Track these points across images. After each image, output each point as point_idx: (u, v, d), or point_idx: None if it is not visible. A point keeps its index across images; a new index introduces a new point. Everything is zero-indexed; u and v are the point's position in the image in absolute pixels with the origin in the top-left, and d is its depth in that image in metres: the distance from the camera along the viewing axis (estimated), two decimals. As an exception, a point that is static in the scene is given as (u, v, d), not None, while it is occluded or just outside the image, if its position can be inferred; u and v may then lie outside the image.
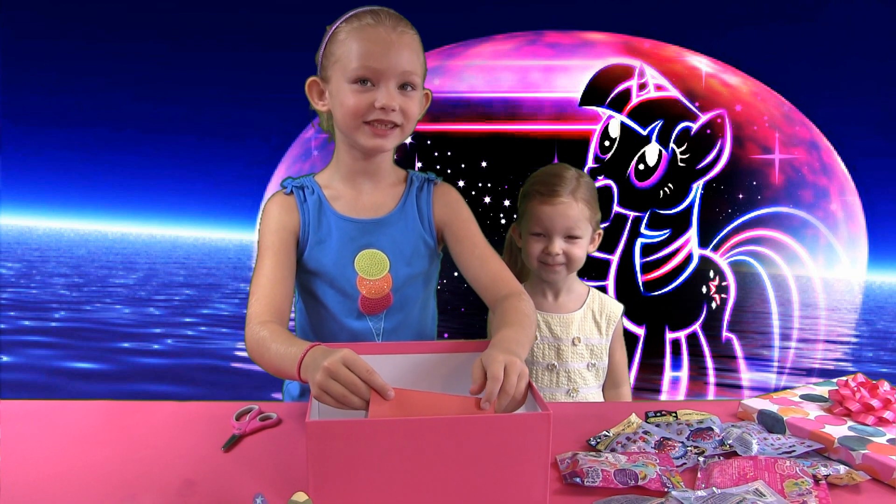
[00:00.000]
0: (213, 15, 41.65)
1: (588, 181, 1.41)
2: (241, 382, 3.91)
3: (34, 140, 52.14)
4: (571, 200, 1.36)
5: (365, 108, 1.06)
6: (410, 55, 1.07)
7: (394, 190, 1.20)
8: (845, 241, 3.13)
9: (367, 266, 1.13)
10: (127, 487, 0.83)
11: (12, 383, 3.78)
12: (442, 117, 2.84)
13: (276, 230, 1.12)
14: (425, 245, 1.18)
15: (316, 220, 1.14)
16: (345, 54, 1.07)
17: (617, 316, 1.47)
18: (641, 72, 2.88)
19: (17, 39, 29.77)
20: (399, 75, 1.06)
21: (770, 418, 1.00)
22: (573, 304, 1.45)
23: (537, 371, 1.42)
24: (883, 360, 4.42)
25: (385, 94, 1.05)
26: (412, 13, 1.13)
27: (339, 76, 1.08)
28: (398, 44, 1.06)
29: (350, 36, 1.07)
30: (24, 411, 1.05)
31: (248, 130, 48.61)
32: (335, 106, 1.10)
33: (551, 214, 1.36)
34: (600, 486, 0.81)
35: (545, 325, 1.43)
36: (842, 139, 3.01)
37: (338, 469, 0.73)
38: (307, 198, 1.15)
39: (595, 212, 1.41)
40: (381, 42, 1.05)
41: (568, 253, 1.38)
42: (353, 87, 1.06)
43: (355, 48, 1.06)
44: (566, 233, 1.37)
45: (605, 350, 1.45)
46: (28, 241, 6.36)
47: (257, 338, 0.99)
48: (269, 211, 1.15)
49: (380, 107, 1.05)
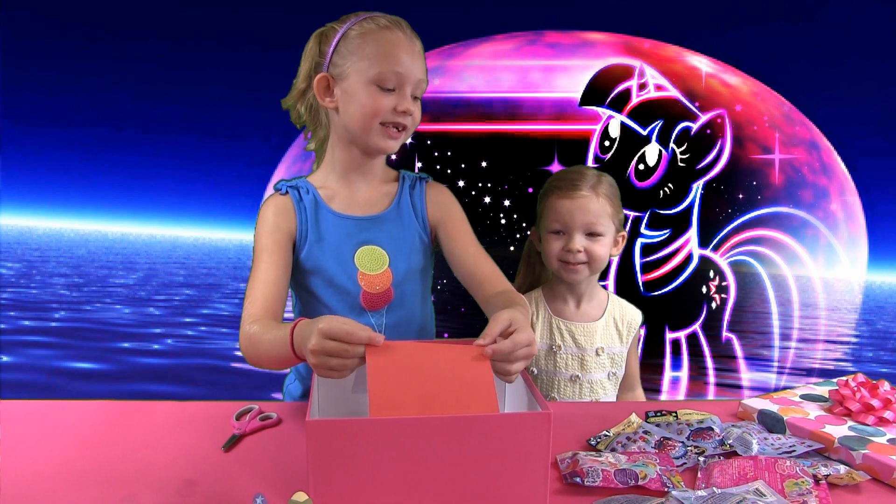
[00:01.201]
0: (213, 15, 41.30)
1: (609, 179, 1.37)
2: (241, 382, 3.92)
3: (34, 140, 51.93)
4: (592, 194, 1.31)
5: (385, 110, 1.09)
6: (422, 64, 1.12)
7: (387, 187, 1.21)
8: (845, 241, 3.13)
9: (367, 261, 1.14)
10: (127, 487, 0.83)
11: (12, 383, 3.78)
12: (442, 117, 2.84)
13: (271, 232, 1.13)
14: (421, 241, 1.20)
15: (314, 218, 1.15)
16: (368, 55, 1.08)
17: (637, 323, 1.42)
18: (641, 72, 2.88)
19: (17, 39, 29.45)
20: (416, 83, 1.10)
21: (770, 418, 1.00)
22: (595, 312, 1.39)
23: (560, 382, 1.36)
24: (883, 360, 4.42)
25: (407, 99, 1.09)
26: (412, 13, 1.14)
27: (359, 76, 1.09)
28: (417, 52, 1.11)
29: (370, 38, 1.09)
30: (24, 411, 1.05)
31: (248, 130, 48.70)
32: (348, 104, 1.11)
33: (571, 208, 1.31)
34: (600, 486, 0.81)
35: (569, 335, 1.37)
36: (842, 139, 3.01)
37: (338, 469, 0.73)
38: (303, 197, 1.16)
39: (617, 210, 1.36)
40: (403, 48, 1.09)
41: (589, 251, 1.32)
42: (374, 88, 1.08)
43: (380, 51, 1.08)
44: (587, 229, 1.32)
45: (624, 358, 1.40)
46: (28, 241, 6.33)
47: (249, 335, 1.00)
48: (264, 213, 1.15)
49: (402, 110, 1.09)
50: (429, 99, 2.69)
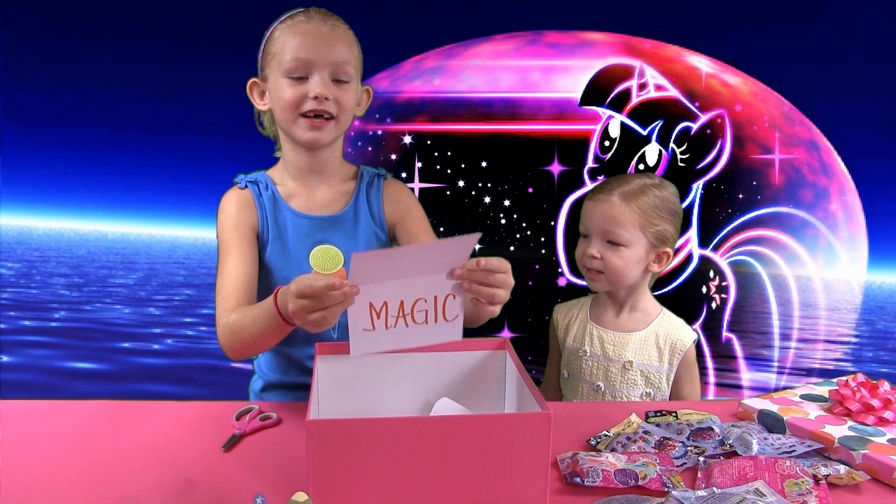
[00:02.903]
0: (212, 15, 42.17)
1: (660, 194, 1.28)
2: (241, 382, 3.90)
3: (34, 140, 52.83)
4: (618, 201, 1.25)
5: (299, 100, 1.08)
6: (343, 47, 1.10)
7: (345, 186, 1.22)
8: (845, 241, 3.13)
9: (321, 261, 1.14)
10: (127, 487, 0.83)
11: (12, 383, 3.77)
12: (442, 117, 2.84)
13: (235, 226, 1.13)
14: (378, 239, 1.20)
15: (272, 215, 1.16)
16: (279, 51, 1.10)
17: (684, 345, 1.30)
18: (641, 72, 2.87)
19: (17, 39, 30.30)
20: (331, 65, 1.09)
21: (770, 418, 1.00)
22: (635, 325, 1.32)
23: (583, 389, 1.33)
24: (883, 360, 4.41)
25: (318, 83, 1.08)
26: (413, 13, 1.14)
27: (276, 72, 1.10)
28: (329, 36, 1.09)
29: (283, 33, 1.10)
30: (24, 411, 1.05)
31: (249, 130, 48.88)
32: (273, 102, 1.13)
33: (591, 212, 1.29)
34: (600, 486, 0.81)
35: (598, 342, 1.32)
36: (842, 139, 3.01)
37: (338, 469, 0.73)
38: (262, 192, 1.16)
39: (657, 224, 1.26)
40: (311, 35, 1.09)
41: (606, 260, 1.26)
42: (287, 80, 1.09)
43: (289, 43, 1.09)
44: (605, 235, 1.27)
45: (664, 379, 1.30)
46: (28, 241, 6.35)
47: (229, 325, 1.00)
48: (225, 208, 1.16)
49: (313, 96, 1.07)
50: (429, 99, 2.69)
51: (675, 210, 1.31)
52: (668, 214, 1.29)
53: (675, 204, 1.30)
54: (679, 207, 1.31)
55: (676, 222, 1.31)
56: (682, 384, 1.33)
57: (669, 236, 1.29)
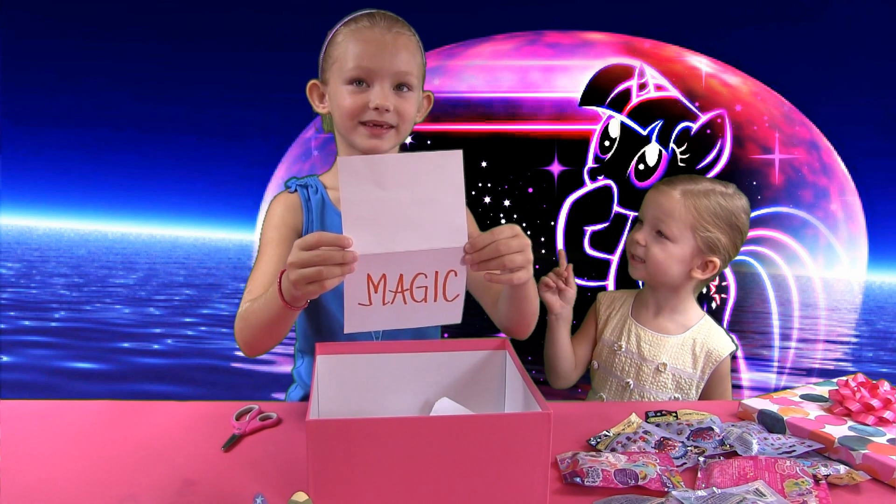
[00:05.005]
0: (212, 15, 41.63)
1: (724, 203, 1.25)
2: (241, 382, 3.91)
3: (34, 140, 52.11)
4: (678, 195, 1.25)
5: (359, 109, 1.07)
6: (406, 56, 1.08)
7: None
8: (845, 241, 3.13)
9: None
10: (127, 487, 0.83)
11: (12, 383, 3.77)
12: (442, 117, 2.84)
13: (278, 226, 1.13)
14: None
15: (319, 218, 1.15)
16: (341, 56, 1.08)
17: (720, 355, 1.29)
18: (641, 72, 2.87)
19: (18, 39, 29.90)
20: (393, 75, 1.07)
21: (770, 418, 1.00)
22: (674, 327, 1.32)
23: (613, 384, 1.32)
24: (883, 360, 4.41)
25: (379, 94, 1.06)
26: (412, 13, 1.14)
27: (337, 78, 1.09)
28: (393, 44, 1.07)
29: (346, 38, 1.09)
30: (24, 411, 1.05)
31: (249, 130, 48.29)
32: (333, 108, 1.12)
33: (650, 199, 1.30)
34: (600, 486, 0.81)
35: (635, 339, 1.31)
36: (842, 139, 3.01)
37: (338, 469, 0.73)
38: (311, 197, 1.16)
39: (710, 230, 1.24)
40: (375, 43, 1.06)
41: (650, 249, 1.26)
42: (348, 87, 1.08)
43: (351, 50, 1.07)
44: (655, 225, 1.27)
45: (694, 386, 1.30)
46: (28, 241, 6.33)
47: (242, 313, 1.01)
48: (272, 209, 1.16)
49: (374, 107, 1.06)
50: (429, 99, 2.68)
51: (736, 224, 1.27)
52: (725, 224, 1.26)
53: (737, 217, 1.27)
54: (742, 223, 1.28)
55: (734, 236, 1.27)
56: (711, 394, 1.32)
57: (721, 247, 1.26)
